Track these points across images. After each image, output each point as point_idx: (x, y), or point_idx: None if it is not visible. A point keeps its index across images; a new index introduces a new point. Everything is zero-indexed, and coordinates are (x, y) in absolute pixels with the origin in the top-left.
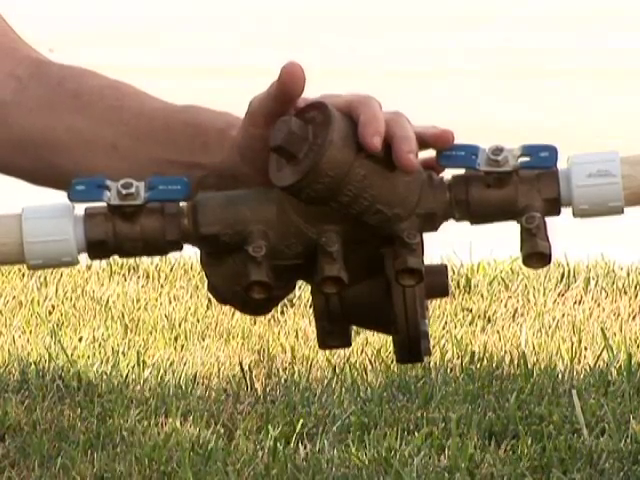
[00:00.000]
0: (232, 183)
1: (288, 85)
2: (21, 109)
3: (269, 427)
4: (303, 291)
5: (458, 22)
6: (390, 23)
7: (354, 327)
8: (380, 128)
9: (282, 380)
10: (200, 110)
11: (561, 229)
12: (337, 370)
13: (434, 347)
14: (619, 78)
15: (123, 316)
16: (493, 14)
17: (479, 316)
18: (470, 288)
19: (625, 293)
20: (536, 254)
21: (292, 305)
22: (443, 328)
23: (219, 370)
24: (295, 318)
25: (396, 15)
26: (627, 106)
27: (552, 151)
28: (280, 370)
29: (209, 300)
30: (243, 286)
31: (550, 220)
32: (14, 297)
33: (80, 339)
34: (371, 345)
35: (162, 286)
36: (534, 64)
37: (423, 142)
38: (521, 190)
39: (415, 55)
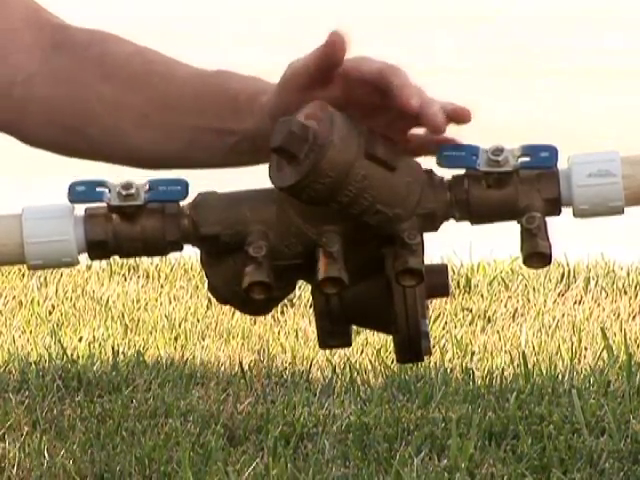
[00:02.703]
0: (264, 149)
1: (331, 54)
2: (48, 80)
3: (269, 427)
4: (303, 291)
5: (452, 21)
6: (384, 22)
7: (354, 327)
8: (415, 90)
9: (282, 380)
10: (230, 75)
11: (561, 229)
12: (337, 370)
13: (434, 347)
14: (617, 78)
15: (123, 316)
16: (488, 13)
17: (479, 316)
18: (470, 288)
19: (625, 293)
20: (536, 254)
21: (292, 305)
22: (443, 328)
23: (219, 370)
24: (295, 318)
25: (390, 15)
26: (625, 106)
27: (552, 151)
28: (280, 370)
29: (209, 300)
30: (243, 286)
31: (550, 220)
32: (14, 297)
33: (80, 339)
34: (371, 345)
35: (162, 286)
36: (531, 63)
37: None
38: (521, 190)
39: (409, 54)
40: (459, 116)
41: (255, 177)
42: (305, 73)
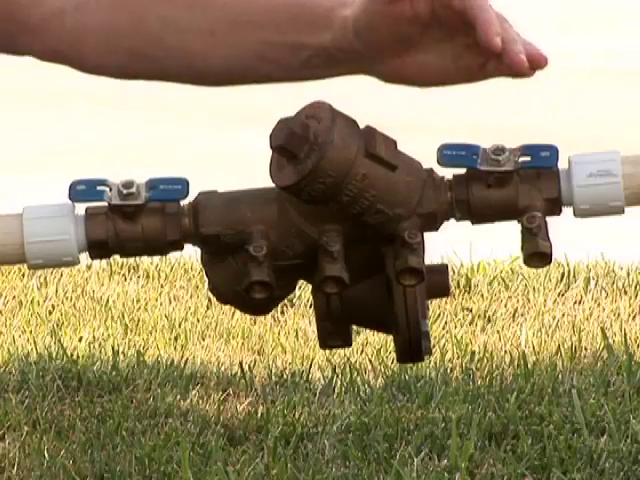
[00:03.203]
0: (341, 63)
1: None
2: (102, 6)
3: (269, 427)
4: (303, 291)
5: None
6: None
7: (354, 327)
8: (499, 28)
9: (282, 380)
10: None
11: (561, 229)
12: (337, 370)
13: (434, 347)
14: (617, 78)
15: (123, 316)
16: None
17: (479, 316)
18: (470, 288)
19: (625, 293)
20: (537, 254)
21: (292, 305)
22: (443, 328)
23: (219, 370)
24: (295, 318)
25: None
26: (625, 106)
27: (553, 151)
28: (280, 370)
29: (209, 300)
30: (244, 286)
31: (550, 220)
32: (14, 297)
33: (80, 339)
34: (371, 345)
35: (162, 286)
36: None
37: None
38: (522, 190)
39: None
40: (535, 61)
41: (255, 176)
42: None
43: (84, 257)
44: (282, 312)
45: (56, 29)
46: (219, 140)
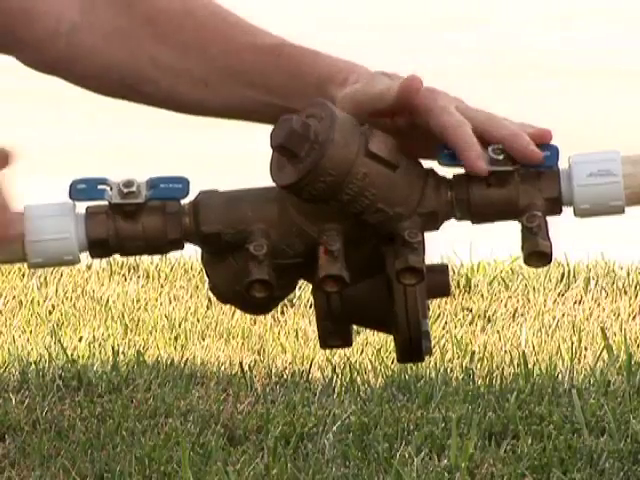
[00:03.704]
0: None
1: (407, 98)
2: (95, 34)
3: (269, 427)
4: (303, 291)
5: (453, 22)
6: (385, 23)
7: (355, 327)
8: (478, 149)
9: (282, 380)
10: (293, 52)
11: (561, 229)
12: (337, 370)
13: (434, 347)
14: (617, 78)
15: (123, 316)
16: (488, 14)
17: (479, 316)
18: (470, 288)
19: (625, 293)
20: (537, 253)
21: (292, 305)
22: (443, 328)
23: (219, 370)
24: (295, 318)
25: (390, 15)
26: (625, 106)
27: (553, 150)
28: (280, 370)
29: (209, 300)
30: (244, 285)
31: (550, 220)
32: (14, 297)
33: (80, 339)
34: (371, 345)
35: (162, 286)
36: (532, 63)
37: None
38: (522, 189)
39: (409, 55)
40: (543, 138)
41: (256, 175)
42: (378, 105)
43: (84, 257)
44: (282, 312)
45: (50, 49)
46: (219, 140)
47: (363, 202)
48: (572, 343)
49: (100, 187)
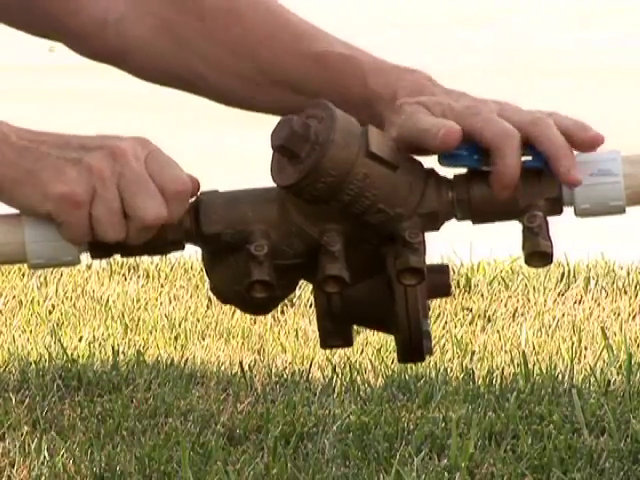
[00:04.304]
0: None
1: (443, 147)
2: (143, 25)
3: (269, 427)
4: (303, 291)
5: (458, 21)
6: (390, 22)
7: (355, 326)
8: (513, 181)
9: (282, 380)
10: (338, 63)
11: (561, 228)
12: (337, 370)
13: (434, 347)
14: (617, 78)
15: (123, 316)
16: (492, 14)
17: (479, 316)
18: (470, 288)
19: (625, 293)
20: (538, 253)
21: (292, 305)
22: (443, 328)
23: (219, 370)
24: (295, 318)
25: (395, 13)
26: (625, 105)
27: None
28: (280, 370)
29: (209, 300)
30: (244, 285)
31: (550, 220)
32: (14, 297)
33: (80, 339)
34: (371, 345)
35: (162, 286)
36: (533, 63)
37: (568, 139)
38: (523, 189)
39: (410, 55)
40: (587, 145)
41: (256, 176)
42: (422, 146)
43: (84, 257)
44: (282, 312)
45: (98, 37)
46: (219, 140)
47: (364, 203)
48: (572, 343)
49: None
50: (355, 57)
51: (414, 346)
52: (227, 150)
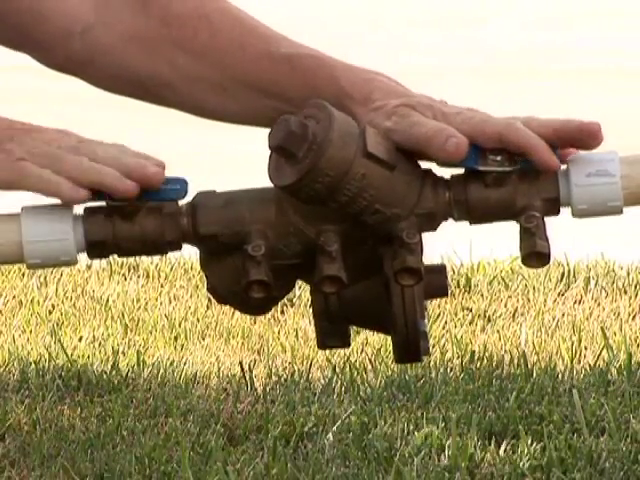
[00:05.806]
0: None
1: (451, 159)
2: (111, 34)
3: (269, 427)
4: (303, 291)
5: (454, 21)
6: (388, 21)
7: (353, 327)
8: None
9: (282, 380)
10: (309, 64)
11: (561, 229)
12: (337, 370)
13: (434, 347)
14: (616, 78)
15: (123, 316)
16: (488, 14)
17: (479, 316)
18: (470, 288)
19: (625, 293)
20: (535, 253)
21: (292, 305)
22: (443, 328)
23: (219, 370)
24: (295, 318)
25: (393, 14)
26: (625, 106)
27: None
28: (280, 370)
29: (209, 300)
30: (242, 285)
31: (550, 220)
32: (14, 297)
33: (80, 339)
34: (371, 345)
35: (162, 286)
36: (532, 63)
37: (566, 137)
38: (520, 190)
39: (410, 55)
40: (585, 134)
41: (254, 176)
42: (416, 149)
43: (84, 257)
44: (282, 312)
45: (64, 49)
46: (217, 140)
47: (361, 203)
48: (572, 343)
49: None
50: (325, 58)
51: (411, 347)
52: (225, 151)
